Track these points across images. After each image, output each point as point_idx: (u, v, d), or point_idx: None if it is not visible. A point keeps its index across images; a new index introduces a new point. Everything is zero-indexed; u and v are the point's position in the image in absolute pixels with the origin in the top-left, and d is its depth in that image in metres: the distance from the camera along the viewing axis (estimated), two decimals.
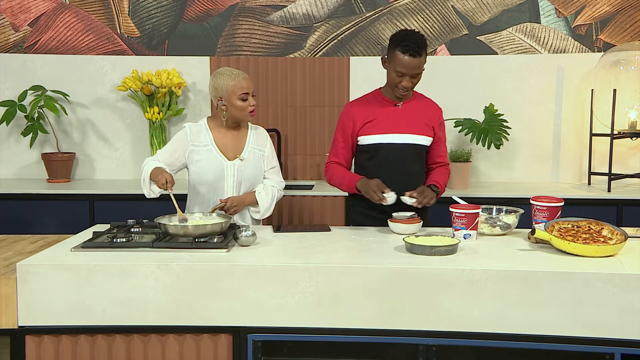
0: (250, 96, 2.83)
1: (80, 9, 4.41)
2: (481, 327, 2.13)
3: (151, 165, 2.80)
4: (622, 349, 2.08)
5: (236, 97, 2.80)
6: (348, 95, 4.36)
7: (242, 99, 2.80)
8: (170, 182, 2.66)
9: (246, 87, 2.80)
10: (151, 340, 2.23)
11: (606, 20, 4.25)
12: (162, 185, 2.66)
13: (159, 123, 4.27)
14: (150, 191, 2.80)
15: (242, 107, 2.82)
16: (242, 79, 2.81)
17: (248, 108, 2.82)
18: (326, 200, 3.91)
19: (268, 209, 2.89)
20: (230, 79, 2.80)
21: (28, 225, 3.83)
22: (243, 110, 2.82)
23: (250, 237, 2.42)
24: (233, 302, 2.18)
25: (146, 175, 2.78)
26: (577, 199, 3.79)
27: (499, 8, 4.31)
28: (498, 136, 3.98)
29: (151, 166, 2.79)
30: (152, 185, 2.78)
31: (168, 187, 2.65)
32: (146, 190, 2.81)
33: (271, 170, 2.95)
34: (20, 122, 4.34)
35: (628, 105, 4.04)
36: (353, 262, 2.24)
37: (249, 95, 2.82)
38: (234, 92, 2.79)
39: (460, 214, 2.49)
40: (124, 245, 2.37)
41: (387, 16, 4.34)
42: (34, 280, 2.18)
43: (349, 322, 2.17)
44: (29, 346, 2.21)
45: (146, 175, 2.78)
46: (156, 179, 2.70)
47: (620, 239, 2.28)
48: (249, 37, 4.40)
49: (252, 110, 2.84)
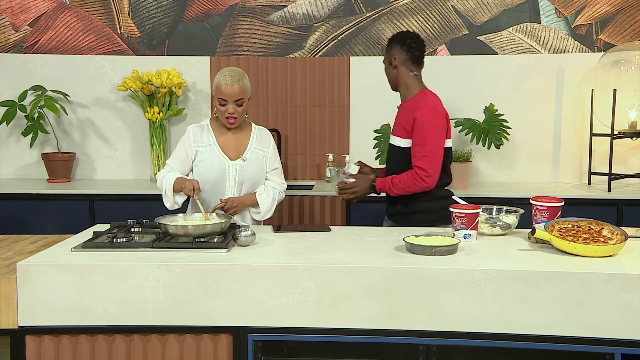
0: (231, 104, 2.77)
1: (80, 9, 4.41)
2: (481, 327, 2.13)
3: (171, 177, 2.81)
4: (622, 349, 2.08)
5: (217, 100, 2.81)
6: (348, 95, 4.36)
7: (220, 103, 2.80)
8: (198, 189, 2.71)
9: (225, 94, 2.75)
10: (151, 340, 2.23)
11: (606, 20, 4.25)
12: (189, 191, 2.70)
13: (159, 123, 4.27)
14: (174, 203, 2.82)
15: (220, 111, 2.81)
16: (225, 84, 2.75)
17: (225, 114, 2.79)
18: (326, 200, 3.91)
19: (269, 210, 2.89)
20: (218, 80, 2.79)
21: (28, 225, 3.83)
22: (221, 114, 2.81)
23: (250, 237, 2.42)
24: (233, 302, 2.18)
25: (168, 188, 2.79)
26: (577, 199, 3.79)
27: (499, 8, 4.31)
28: (498, 136, 3.98)
29: (171, 177, 2.80)
30: (176, 197, 2.80)
31: (195, 194, 2.69)
32: (169, 203, 2.83)
33: (273, 172, 2.95)
34: (20, 122, 4.34)
35: (628, 105, 4.04)
36: (353, 262, 2.24)
37: (228, 103, 2.77)
38: (216, 94, 2.80)
39: (461, 214, 2.49)
40: (124, 245, 2.37)
41: (387, 16, 4.34)
42: (34, 280, 2.18)
43: (349, 322, 2.17)
44: (29, 346, 2.21)
45: (168, 188, 2.79)
46: (182, 187, 2.73)
47: (621, 239, 2.28)
48: (249, 37, 4.40)
49: (228, 117, 2.79)
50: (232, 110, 2.78)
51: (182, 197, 2.82)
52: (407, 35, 2.97)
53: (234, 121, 2.81)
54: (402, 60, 2.93)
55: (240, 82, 2.77)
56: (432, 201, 2.92)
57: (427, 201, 2.92)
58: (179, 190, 2.77)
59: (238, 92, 2.76)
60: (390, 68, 2.98)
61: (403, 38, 2.95)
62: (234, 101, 2.77)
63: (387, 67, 3.00)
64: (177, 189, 2.77)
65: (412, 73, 2.94)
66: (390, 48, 2.97)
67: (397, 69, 2.95)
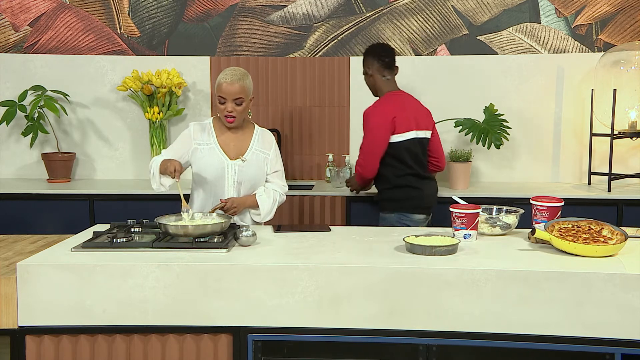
0: (230, 102, 2.78)
1: (80, 9, 4.41)
2: (481, 327, 2.13)
3: (159, 159, 2.81)
4: (622, 349, 2.08)
5: (217, 98, 2.82)
6: (348, 95, 4.36)
7: (220, 102, 2.81)
8: (179, 171, 2.68)
9: (224, 92, 2.77)
10: (151, 340, 2.23)
11: (606, 20, 4.25)
12: (170, 172, 2.68)
13: (159, 123, 4.27)
14: (160, 185, 2.81)
15: (220, 109, 2.83)
16: (225, 82, 2.77)
17: (224, 112, 2.81)
18: (326, 200, 3.91)
19: (269, 212, 2.89)
20: (220, 78, 2.81)
21: (28, 225, 3.83)
22: (221, 112, 2.83)
23: (251, 237, 2.42)
24: (233, 302, 2.18)
25: (155, 169, 2.79)
26: (577, 199, 3.79)
27: (499, 8, 4.31)
28: (498, 136, 3.98)
29: (159, 159, 2.80)
30: (162, 178, 2.79)
31: (176, 176, 2.66)
32: (155, 185, 2.81)
33: (274, 174, 2.95)
34: (20, 122, 4.34)
35: (628, 105, 4.04)
36: (353, 262, 2.24)
37: (227, 101, 2.78)
38: (217, 92, 2.82)
39: (461, 214, 2.49)
40: (124, 245, 2.37)
41: (387, 16, 4.34)
42: (34, 280, 2.18)
43: (349, 322, 2.17)
44: (29, 346, 2.21)
45: (155, 169, 2.79)
46: (165, 168, 2.71)
47: (621, 239, 2.28)
48: (249, 37, 4.40)
49: (227, 116, 2.80)
50: (231, 109, 2.79)
51: (168, 180, 2.80)
52: (376, 46, 3.47)
53: (233, 120, 2.81)
54: (375, 68, 3.39)
55: (240, 81, 2.78)
56: (395, 190, 3.35)
57: (389, 189, 3.37)
58: (164, 172, 2.75)
59: (237, 90, 2.77)
60: (367, 77, 3.44)
61: (373, 49, 3.43)
62: (233, 100, 2.78)
63: (365, 77, 3.46)
64: (162, 170, 2.76)
65: (384, 77, 3.39)
66: (364, 60, 3.43)
67: (373, 76, 3.41)
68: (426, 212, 3.41)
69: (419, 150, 3.40)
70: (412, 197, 3.33)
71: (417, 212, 3.35)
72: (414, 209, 3.34)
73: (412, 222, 3.33)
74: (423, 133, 3.42)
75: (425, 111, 3.50)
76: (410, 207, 3.34)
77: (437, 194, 3.54)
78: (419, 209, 3.35)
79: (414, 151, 3.37)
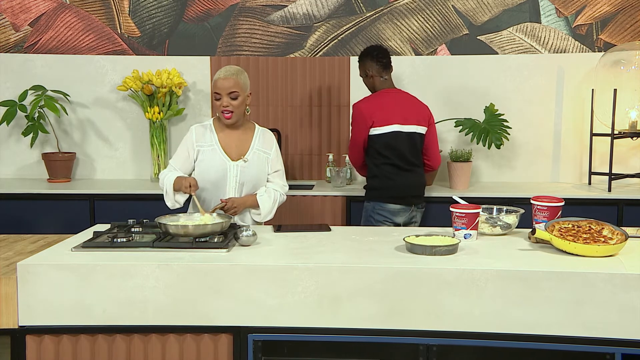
0: (225, 97, 2.80)
1: (80, 9, 4.41)
2: (481, 327, 2.13)
3: (172, 176, 2.82)
4: (622, 348, 2.08)
5: (213, 96, 2.84)
6: (348, 95, 4.36)
7: (215, 98, 2.83)
8: (194, 186, 2.73)
9: (219, 87, 2.80)
10: (151, 340, 2.23)
11: (606, 20, 4.25)
12: (186, 188, 2.71)
13: (159, 123, 4.27)
14: (175, 202, 2.84)
15: (216, 106, 2.84)
16: (219, 77, 2.81)
17: (220, 108, 2.82)
18: (326, 200, 3.91)
19: (269, 212, 2.89)
20: (215, 76, 2.84)
21: (28, 225, 3.83)
22: (218, 109, 2.85)
23: (251, 237, 2.42)
24: (233, 302, 2.18)
25: (169, 187, 2.81)
26: (578, 198, 3.79)
27: (499, 8, 4.31)
28: (498, 136, 3.98)
29: (172, 177, 2.82)
30: (177, 195, 2.81)
31: (192, 191, 2.70)
32: (170, 202, 2.84)
33: (275, 174, 2.95)
34: (20, 122, 4.34)
35: (628, 105, 4.04)
36: (353, 262, 2.24)
37: (222, 96, 2.80)
38: (213, 88, 2.84)
39: (461, 214, 2.49)
40: (124, 245, 2.37)
41: (388, 16, 4.34)
42: (34, 280, 2.18)
43: (349, 322, 2.17)
44: (29, 346, 2.21)
45: (169, 187, 2.81)
46: (180, 185, 2.75)
47: (621, 239, 2.28)
48: (249, 37, 4.40)
49: (224, 111, 2.82)
50: (227, 103, 2.80)
51: (182, 196, 2.83)
52: (372, 49, 3.58)
53: (230, 115, 2.82)
54: (374, 70, 3.54)
55: (234, 76, 2.81)
56: (373, 179, 3.50)
57: (369, 178, 3.53)
58: (178, 189, 2.78)
59: (232, 84, 2.79)
60: (367, 79, 3.59)
61: (370, 51, 3.56)
62: (228, 94, 2.80)
63: (365, 79, 3.61)
64: (177, 187, 2.79)
65: (382, 78, 3.55)
66: (362, 63, 3.59)
67: (373, 77, 3.55)
68: (402, 203, 3.44)
69: (404, 144, 3.44)
70: (386, 187, 3.43)
71: (391, 202, 3.42)
72: (387, 198, 3.43)
73: (386, 212, 3.42)
74: (413, 128, 3.47)
75: (420, 108, 3.54)
76: (385, 196, 3.43)
77: (423, 188, 3.57)
78: (392, 198, 3.42)
79: (394, 145, 3.43)
